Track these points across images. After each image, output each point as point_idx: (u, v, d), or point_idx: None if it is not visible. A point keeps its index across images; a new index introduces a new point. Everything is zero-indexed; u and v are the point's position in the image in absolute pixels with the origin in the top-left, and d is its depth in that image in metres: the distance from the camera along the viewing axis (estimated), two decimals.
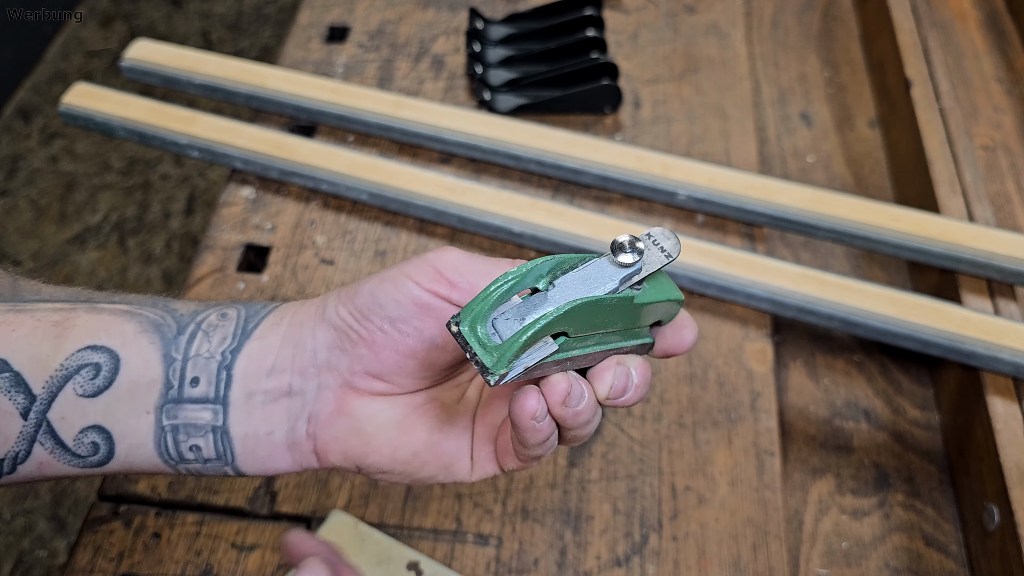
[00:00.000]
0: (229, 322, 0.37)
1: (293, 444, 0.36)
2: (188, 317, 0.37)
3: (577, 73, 0.76)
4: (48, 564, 1.29)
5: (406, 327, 0.34)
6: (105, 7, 2.13)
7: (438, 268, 0.34)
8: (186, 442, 0.36)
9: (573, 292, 0.32)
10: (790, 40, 0.88)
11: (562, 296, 0.32)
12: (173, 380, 0.35)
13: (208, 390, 0.35)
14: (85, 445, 0.35)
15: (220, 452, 0.36)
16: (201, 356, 0.36)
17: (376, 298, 0.34)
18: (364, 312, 0.34)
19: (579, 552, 0.52)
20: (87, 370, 0.35)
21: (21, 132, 1.87)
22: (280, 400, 0.36)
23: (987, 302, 0.62)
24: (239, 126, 0.72)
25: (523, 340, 0.30)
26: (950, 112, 0.74)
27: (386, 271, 0.35)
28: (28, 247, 1.67)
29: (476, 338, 0.31)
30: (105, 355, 0.35)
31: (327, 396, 0.36)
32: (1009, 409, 0.56)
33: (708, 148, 0.74)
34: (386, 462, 0.36)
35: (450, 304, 0.34)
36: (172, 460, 0.36)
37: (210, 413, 0.36)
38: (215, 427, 0.36)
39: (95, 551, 0.52)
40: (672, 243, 0.33)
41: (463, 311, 0.31)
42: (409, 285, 0.34)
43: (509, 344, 0.31)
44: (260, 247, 0.67)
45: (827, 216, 0.65)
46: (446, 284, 0.34)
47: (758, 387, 0.60)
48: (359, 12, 0.85)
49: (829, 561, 0.56)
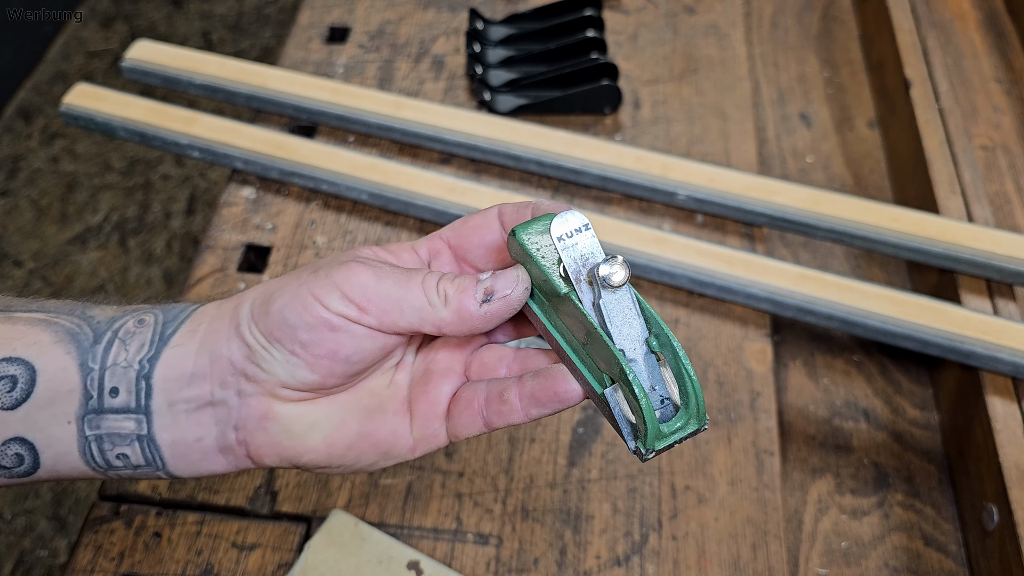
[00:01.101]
0: (146, 328, 0.36)
1: (225, 448, 0.36)
2: (105, 324, 0.36)
3: (577, 74, 0.76)
4: (49, 564, 1.29)
5: (319, 350, 0.34)
6: (106, 7, 2.13)
7: (345, 292, 0.34)
8: (112, 451, 0.36)
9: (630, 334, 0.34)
10: (789, 40, 0.88)
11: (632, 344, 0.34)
12: (92, 390, 0.35)
13: (129, 400, 0.35)
14: (9, 456, 0.35)
15: (149, 459, 0.36)
16: (119, 365, 0.35)
17: (286, 318, 0.34)
18: (275, 333, 0.34)
19: (579, 552, 0.53)
20: (4, 382, 0.35)
21: (22, 132, 1.88)
22: (204, 409, 0.36)
23: (986, 302, 0.62)
24: (240, 126, 0.72)
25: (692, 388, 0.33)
26: (949, 112, 0.74)
27: (295, 285, 0.34)
28: (29, 247, 1.67)
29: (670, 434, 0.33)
30: (21, 367, 0.35)
31: (251, 403, 0.35)
32: (1008, 409, 0.56)
33: (708, 148, 0.74)
34: (322, 458, 0.36)
35: (360, 326, 0.34)
36: (100, 468, 0.36)
37: (133, 423, 0.35)
38: (140, 435, 0.35)
39: (96, 551, 0.52)
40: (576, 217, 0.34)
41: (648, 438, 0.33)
42: (317, 307, 0.33)
43: (691, 401, 0.33)
44: (261, 247, 0.67)
45: (826, 216, 0.65)
46: (356, 309, 0.34)
47: (757, 387, 0.60)
48: (359, 13, 0.85)
49: (828, 561, 0.56)
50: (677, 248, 0.64)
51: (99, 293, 1.60)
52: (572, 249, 0.33)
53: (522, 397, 0.36)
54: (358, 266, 0.34)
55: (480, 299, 0.34)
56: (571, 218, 0.34)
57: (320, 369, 0.34)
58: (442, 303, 0.34)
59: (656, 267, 0.63)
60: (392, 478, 0.55)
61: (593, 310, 0.33)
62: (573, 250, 0.33)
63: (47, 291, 1.61)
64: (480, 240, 0.37)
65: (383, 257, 0.37)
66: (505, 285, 0.34)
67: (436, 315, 0.34)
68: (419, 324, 0.34)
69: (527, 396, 0.35)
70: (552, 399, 0.35)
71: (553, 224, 0.33)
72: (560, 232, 0.33)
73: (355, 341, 0.34)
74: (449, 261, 0.38)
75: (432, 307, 0.34)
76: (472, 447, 0.56)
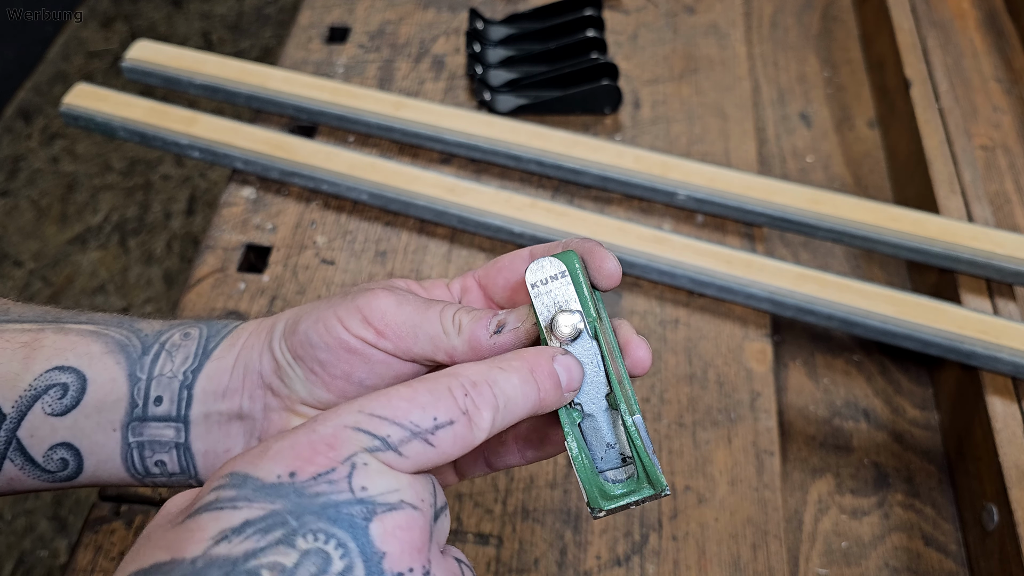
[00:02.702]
0: (191, 342, 0.38)
1: None
2: (152, 337, 0.38)
3: (577, 73, 0.76)
4: (49, 564, 1.29)
5: (335, 370, 0.35)
6: (106, 8, 2.13)
7: (366, 315, 0.35)
8: (151, 457, 0.37)
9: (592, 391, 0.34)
10: (789, 40, 0.88)
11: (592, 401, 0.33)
12: (138, 399, 0.37)
13: (171, 408, 0.37)
14: (55, 461, 0.37)
15: (184, 467, 0.38)
16: (164, 375, 0.37)
17: (309, 338, 0.35)
18: (298, 352, 0.36)
19: (579, 552, 0.53)
20: (55, 390, 0.36)
21: (22, 133, 1.88)
22: (234, 421, 0.37)
23: (986, 302, 0.62)
24: (240, 127, 0.72)
25: (645, 453, 0.32)
26: (949, 112, 0.74)
27: (324, 308, 0.36)
28: (29, 247, 1.67)
29: (620, 496, 0.32)
30: (72, 375, 0.36)
31: (272, 418, 0.37)
32: (1008, 409, 0.56)
33: (707, 148, 0.74)
34: None
35: (377, 350, 0.35)
36: (139, 474, 0.38)
37: (173, 431, 0.37)
38: (178, 444, 0.37)
39: (96, 551, 0.52)
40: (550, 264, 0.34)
41: (589, 500, 0.32)
42: (339, 329, 0.35)
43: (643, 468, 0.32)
44: (261, 247, 0.67)
45: (826, 216, 0.65)
46: (373, 332, 0.34)
47: (757, 387, 0.60)
48: (359, 13, 0.85)
49: (829, 561, 0.56)
50: (677, 248, 0.64)
51: (99, 294, 1.60)
52: (546, 296, 0.34)
53: (517, 440, 0.37)
54: (382, 292, 0.35)
55: (492, 330, 0.34)
56: (547, 264, 0.34)
57: (335, 389, 0.35)
58: (455, 332, 0.34)
59: (656, 267, 0.63)
60: None
61: None
62: (547, 297, 0.34)
63: (47, 291, 1.61)
64: (505, 280, 0.37)
65: (413, 289, 0.38)
66: (517, 319, 0.35)
67: (449, 343, 0.34)
68: (433, 352, 0.35)
69: (521, 439, 0.37)
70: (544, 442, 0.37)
71: (528, 271, 0.34)
72: (534, 279, 0.34)
73: (369, 365, 0.35)
74: (478, 299, 0.38)
75: (446, 335, 0.34)
76: None
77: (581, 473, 0.32)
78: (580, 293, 0.34)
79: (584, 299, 0.34)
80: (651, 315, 0.63)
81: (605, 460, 0.33)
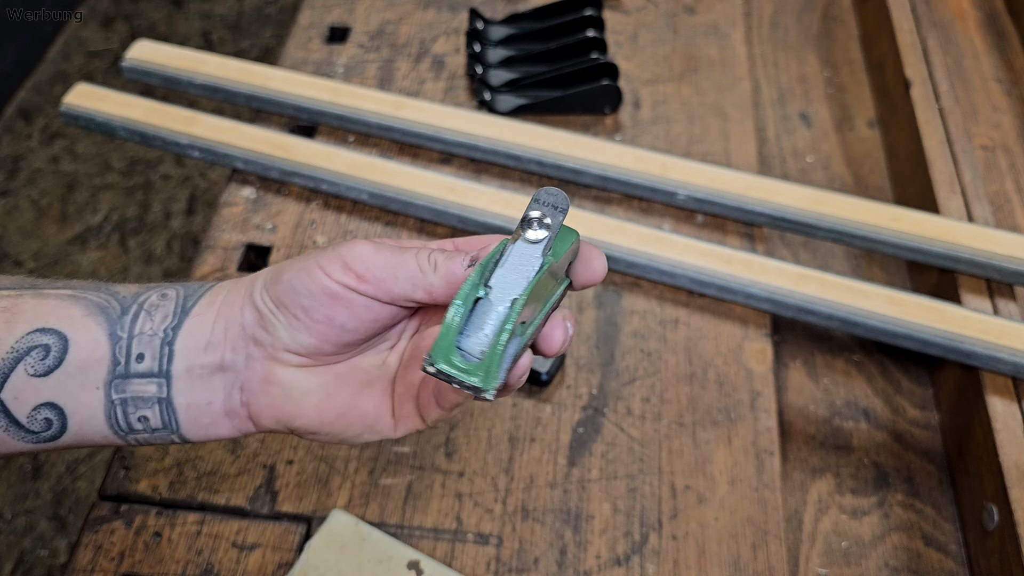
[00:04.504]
0: (169, 301, 0.39)
1: (230, 411, 0.39)
2: (131, 299, 0.39)
3: (577, 73, 0.76)
4: (49, 563, 1.29)
5: (317, 315, 0.37)
6: (106, 7, 2.13)
7: (347, 261, 0.37)
8: (134, 414, 0.39)
9: (511, 286, 0.35)
10: (789, 40, 0.88)
11: (503, 294, 0.35)
12: (120, 357, 0.38)
13: (152, 365, 0.38)
14: (39, 421, 0.38)
15: (166, 422, 0.39)
16: (145, 334, 0.38)
17: (292, 285, 0.37)
18: (281, 299, 0.37)
19: (579, 551, 0.53)
20: (37, 351, 0.37)
21: (22, 132, 1.88)
22: (216, 374, 0.39)
23: (986, 302, 0.62)
24: (240, 126, 0.72)
25: (500, 352, 0.33)
26: (949, 112, 0.74)
27: (305, 259, 0.38)
28: (29, 247, 1.67)
29: (456, 368, 0.33)
30: (54, 337, 0.38)
31: (255, 367, 0.39)
32: (1008, 409, 0.56)
33: (708, 148, 0.74)
34: (314, 424, 0.39)
35: (358, 295, 0.37)
36: (122, 431, 0.39)
37: (155, 386, 0.38)
38: (160, 399, 0.38)
39: (96, 550, 0.52)
40: (560, 197, 0.36)
41: (432, 351, 0.34)
42: (320, 276, 0.37)
43: (488, 360, 0.33)
44: (261, 247, 0.67)
45: (826, 216, 0.65)
46: (354, 277, 0.36)
47: (757, 387, 0.60)
48: (359, 13, 0.85)
49: (828, 560, 0.56)
50: (677, 248, 0.64)
51: None
52: (537, 207, 0.36)
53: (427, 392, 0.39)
54: (361, 241, 0.38)
55: (466, 264, 0.36)
56: (557, 195, 0.36)
57: (317, 334, 0.37)
58: (432, 270, 0.36)
59: (656, 267, 0.63)
60: (392, 478, 0.55)
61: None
62: (537, 208, 0.36)
63: None
64: (483, 244, 0.39)
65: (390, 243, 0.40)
66: (487, 249, 0.37)
67: (426, 280, 0.36)
68: (412, 291, 0.37)
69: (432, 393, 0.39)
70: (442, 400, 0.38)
71: (541, 189, 0.36)
72: (539, 197, 0.36)
73: (351, 310, 0.37)
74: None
75: (423, 273, 0.36)
76: (472, 447, 0.56)
77: (443, 330, 0.34)
78: (564, 230, 0.36)
79: (562, 237, 0.36)
80: (651, 315, 0.63)
81: (472, 340, 0.34)
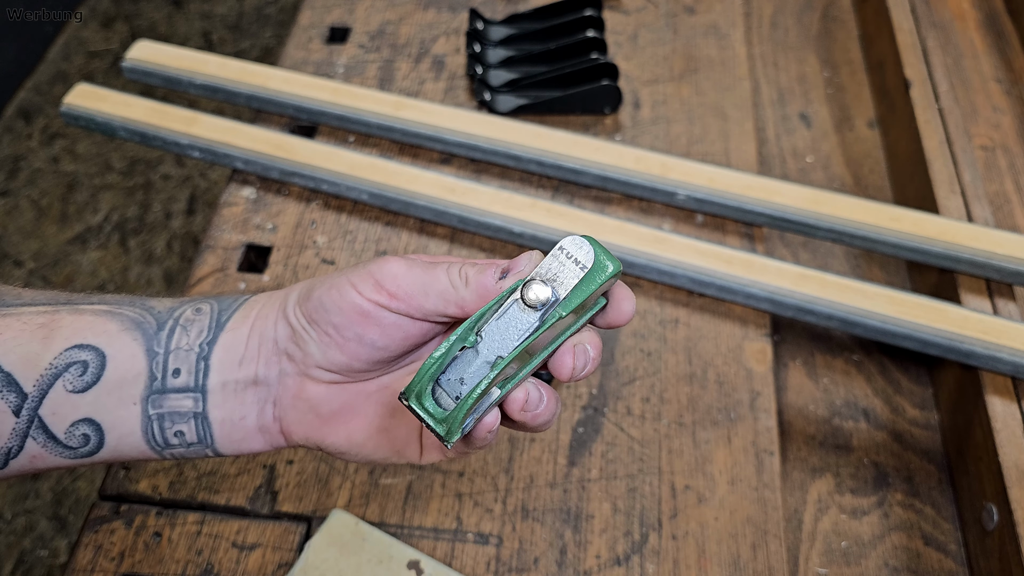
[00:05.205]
0: (204, 316, 0.39)
1: (263, 427, 0.40)
2: (166, 314, 0.40)
3: (577, 74, 0.76)
4: (49, 563, 1.29)
5: (348, 332, 0.37)
6: (106, 7, 2.13)
7: (378, 279, 0.36)
8: (171, 428, 0.39)
9: (501, 342, 0.35)
10: (789, 41, 0.88)
11: (492, 347, 0.35)
12: (156, 372, 0.38)
13: (189, 379, 0.38)
14: (76, 437, 0.38)
15: (201, 436, 0.39)
16: (181, 349, 0.39)
17: (323, 303, 0.37)
18: (313, 316, 0.37)
19: (579, 551, 0.53)
20: (75, 367, 0.37)
21: (22, 132, 1.88)
22: (249, 388, 0.39)
23: (986, 302, 0.62)
24: (240, 127, 0.72)
25: (465, 409, 0.34)
26: (949, 112, 0.74)
27: (336, 276, 0.38)
28: (29, 247, 1.67)
29: (425, 411, 0.34)
30: (92, 353, 0.38)
31: (287, 382, 0.39)
32: (1008, 408, 0.56)
33: (707, 148, 0.74)
34: (343, 444, 0.40)
35: (390, 312, 0.36)
36: (159, 446, 0.39)
37: (191, 401, 0.39)
38: (196, 413, 0.39)
39: (96, 550, 0.52)
40: (585, 251, 0.35)
41: (408, 388, 0.34)
42: (352, 294, 0.37)
43: (455, 415, 0.34)
44: (261, 247, 0.67)
45: (826, 216, 0.66)
46: (386, 295, 0.36)
47: (757, 386, 0.60)
48: (360, 13, 0.86)
49: (828, 560, 0.56)
50: (677, 248, 0.64)
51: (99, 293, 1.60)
52: (555, 264, 0.35)
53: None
54: (392, 258, 0.37)
55: (497, 276, 0.36)
56: (584, 248, 0.35)
57: (348, 351, 0.37)
58: (463, 284, 0.36)
59: (656, 267, 0.63)
60: (392, 478, 0.55)
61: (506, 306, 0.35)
62: (555, 264, 0.35)
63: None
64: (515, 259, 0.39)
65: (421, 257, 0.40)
66: (519, 263, 0.36)
67: (458, 295, 0.36)
68: (443, 307, 0.36)
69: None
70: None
71: (568, 238, 0.35)
72: (565, 246, 0.35)
73: (381, 328, 0.37)
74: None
75: (454, 289, 0.36)
76: None
77: (422, 368, 0.34)
78: (576, 288, 0.35)
79: (574, 295, 0.35)
80: (651, 315, 0.63)
81: (448, 384, 0.35)
